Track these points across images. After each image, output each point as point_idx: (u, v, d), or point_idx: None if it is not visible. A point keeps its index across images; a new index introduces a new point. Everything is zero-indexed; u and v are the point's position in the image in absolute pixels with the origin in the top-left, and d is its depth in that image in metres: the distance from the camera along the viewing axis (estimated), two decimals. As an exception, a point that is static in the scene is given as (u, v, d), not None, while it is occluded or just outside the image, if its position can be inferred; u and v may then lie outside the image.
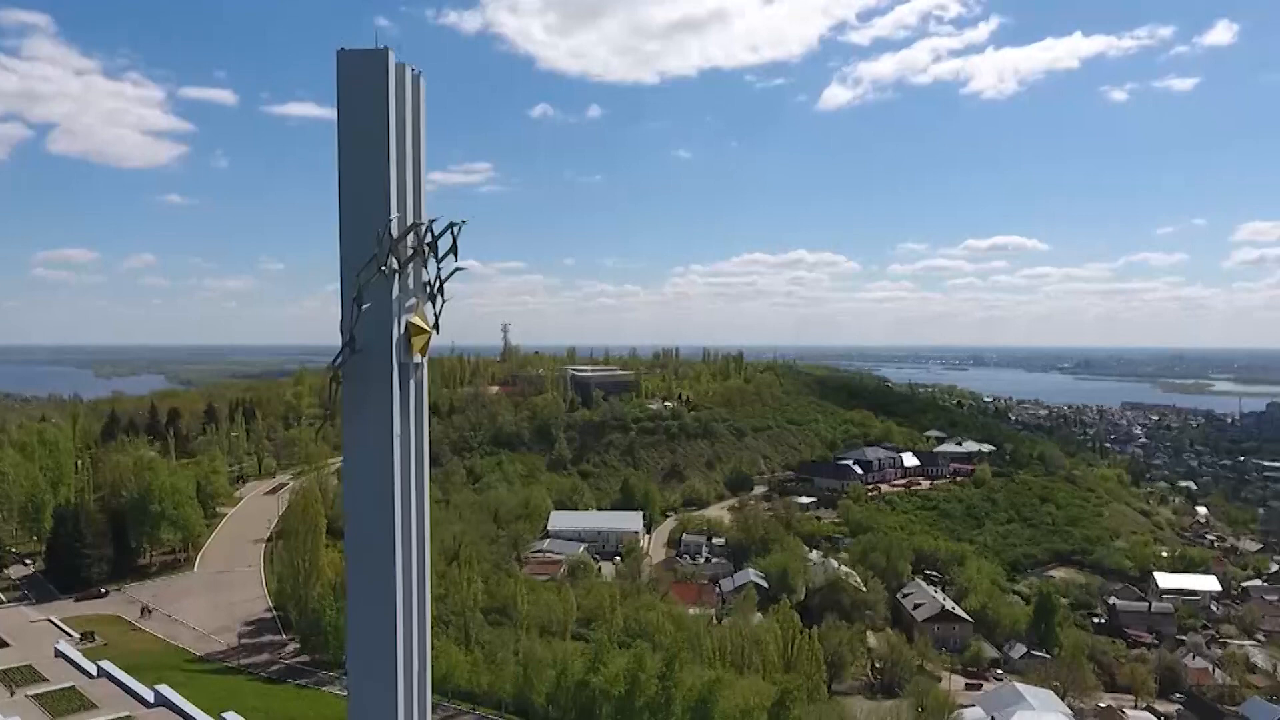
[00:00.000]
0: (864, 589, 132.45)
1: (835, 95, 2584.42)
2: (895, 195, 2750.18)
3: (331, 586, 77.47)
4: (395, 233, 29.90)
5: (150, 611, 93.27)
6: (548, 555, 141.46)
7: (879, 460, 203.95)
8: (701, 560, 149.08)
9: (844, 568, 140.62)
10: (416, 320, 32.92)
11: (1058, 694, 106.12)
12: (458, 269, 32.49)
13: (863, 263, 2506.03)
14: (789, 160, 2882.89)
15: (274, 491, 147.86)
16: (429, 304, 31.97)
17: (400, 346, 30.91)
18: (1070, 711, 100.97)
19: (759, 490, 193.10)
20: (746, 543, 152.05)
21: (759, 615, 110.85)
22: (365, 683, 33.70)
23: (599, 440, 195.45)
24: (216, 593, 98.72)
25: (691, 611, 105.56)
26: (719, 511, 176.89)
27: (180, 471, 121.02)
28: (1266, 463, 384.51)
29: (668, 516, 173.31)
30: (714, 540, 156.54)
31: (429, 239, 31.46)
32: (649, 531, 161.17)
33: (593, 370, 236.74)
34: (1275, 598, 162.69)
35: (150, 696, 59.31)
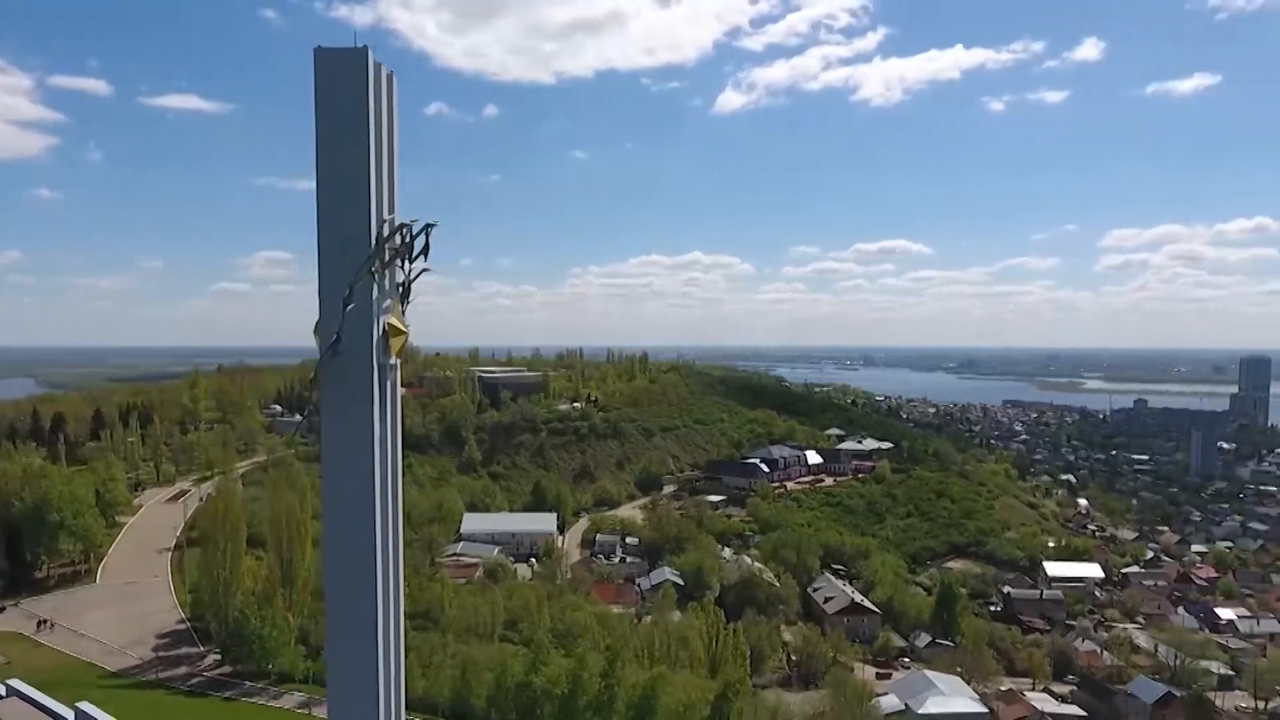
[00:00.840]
0: (777, 584, 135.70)
1: (730, 100, 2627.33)
2: (788, 199, 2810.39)
3: (253, 595, 75.36)
4: (385, 233, 30.07)
5: (51, 625, 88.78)
6: (461, 559, 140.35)
7: (784, 459, 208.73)
8: (616, 560, 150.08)
9: (757, 564, 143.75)
10: (394, 321, 33.06)
11: (963, 679, 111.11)
12: (425, 270, 32.86)
13: (757, 265, 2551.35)
14: (685, 163, 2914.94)
15: (176, 499, 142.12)
16: (400, 305, 32.22)
17: (379, 348, 31.04)
18: (977, 696, 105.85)
19: (669, 489, 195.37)
20: (660, 542, 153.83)
21: (677, 613, 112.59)
22: (346, 686, 33.55)
23: (509, 442, 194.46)
24: (123, 605, 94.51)
25: (615, 610, 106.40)
26: (631, 511, 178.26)
27: (76, 479, 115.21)
28: (1135, 456, 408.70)
29: (580, 517, 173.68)
30: (628, 540, 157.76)
31: (408, 239, 31.74)
32: (562, 532, 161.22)
33: (500, 371, 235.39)
34: (1152, 583, 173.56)
35: (70, 716, 56.57)
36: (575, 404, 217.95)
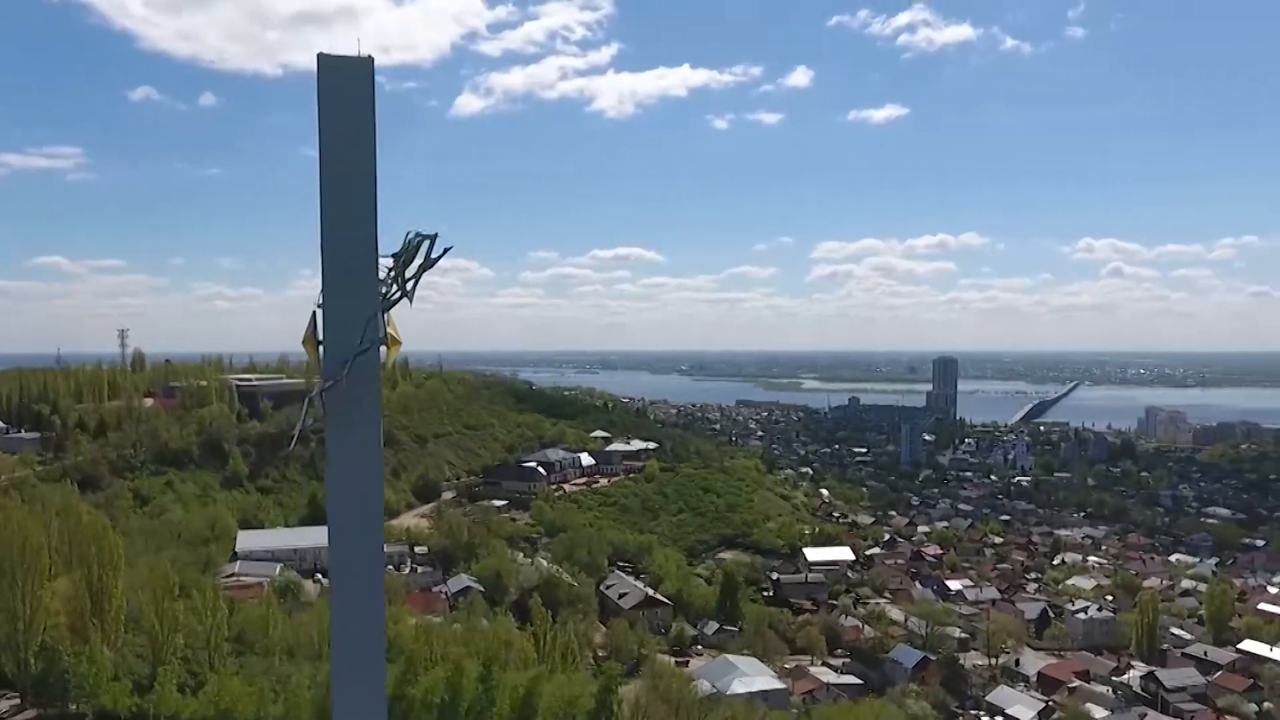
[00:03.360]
0: (576, 584, 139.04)
1: (468, 103, 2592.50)
2: (526, 204, 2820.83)
3: (70, 628, 68.05)
4: (408, 243, 30.30)
5: None
6: (241, 579, 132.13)
7: (560, 461, 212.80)
8: (407, 570, 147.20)
9: (552, 566, 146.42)
10: (392, 331, 33.13)
11: (758, 660, 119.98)
12: (416, 279, 33.31)
13: (495, 269, 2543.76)
14: (421, 165, 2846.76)
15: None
16: (388, 315, 32.54)
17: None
18: (774, 674, 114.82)
19: (448, 496, 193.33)
20: (451, 549, 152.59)
21: (484, 620, 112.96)
22: (353, 702, 32.99)
23: (277, 453, 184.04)
24: None
25: (432, 619, 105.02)
26: (413, 520, 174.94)
27: None
28: (855, 449, 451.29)
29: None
30: (416, 549, 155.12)
31: (422, 251, 32.11)
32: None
33: (257, 379, 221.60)
34: (892, 562, 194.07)
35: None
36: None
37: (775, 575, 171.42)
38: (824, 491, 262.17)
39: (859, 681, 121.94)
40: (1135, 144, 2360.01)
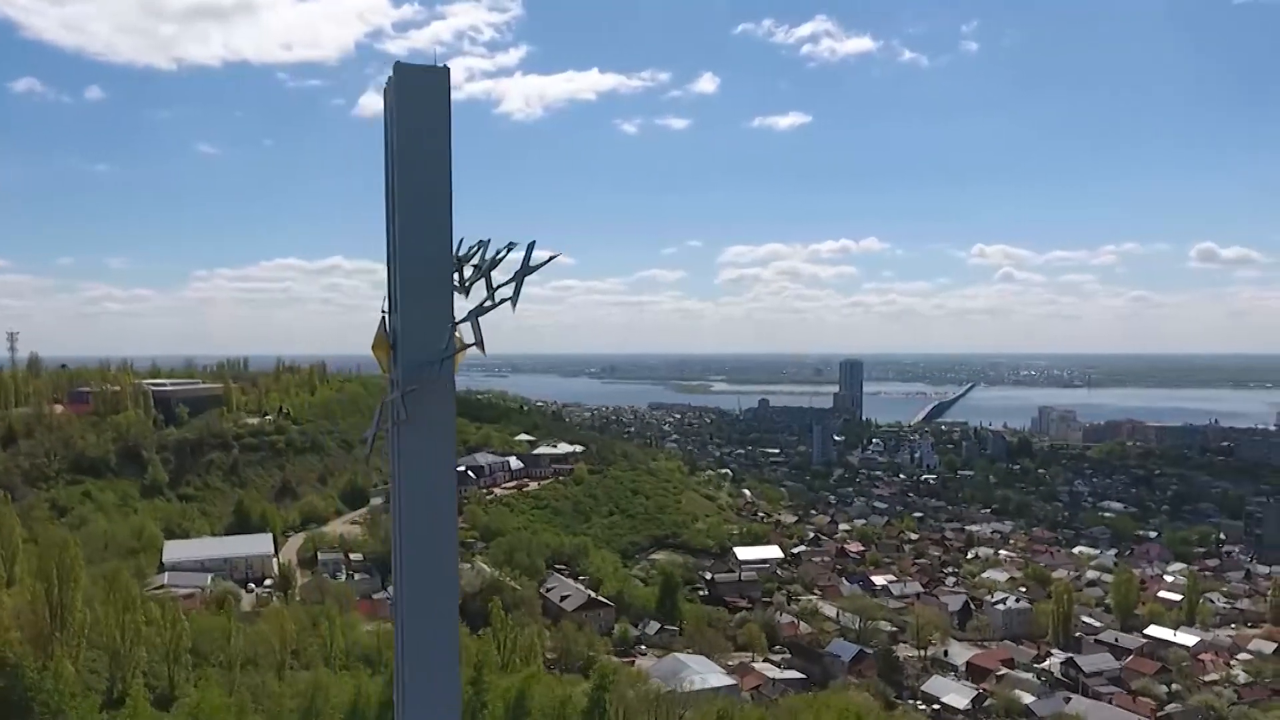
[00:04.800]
0: (518, 587, 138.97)
1: (374, 102, 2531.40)
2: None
3: (31, 642, 65.23)
4: (482, 251, 31.09)
5: None
6: (173, 590, 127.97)
7: (489, 465, 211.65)
8: (343, 577, 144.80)
9: (492, 570, 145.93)
10: (458, 336, 33.82)
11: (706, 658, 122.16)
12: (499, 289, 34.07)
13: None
14: (326, 164, 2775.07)
15: None
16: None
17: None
18: (724, 671, 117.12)
19: (377, 502, 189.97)
20: (389, 555, 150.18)
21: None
22: (426, 693, 33.34)
23: (198, 460, 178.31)
24: None
25: (386, 626, 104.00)
26: (344, 526, 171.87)
27: None
28: (768, 450, 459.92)
29: (288, 536, 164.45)
30: (352, 556, 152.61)
31: (500, 256, 32.87)
32: (276, 554, 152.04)
33: (172, 384, 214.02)
34: (819, 559, 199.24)
35: None
36: (267, 417, 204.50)
37: (709, 575, 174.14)
38: (746, 492, 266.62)
39: (801, 676, 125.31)
40: (1025, 153, 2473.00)
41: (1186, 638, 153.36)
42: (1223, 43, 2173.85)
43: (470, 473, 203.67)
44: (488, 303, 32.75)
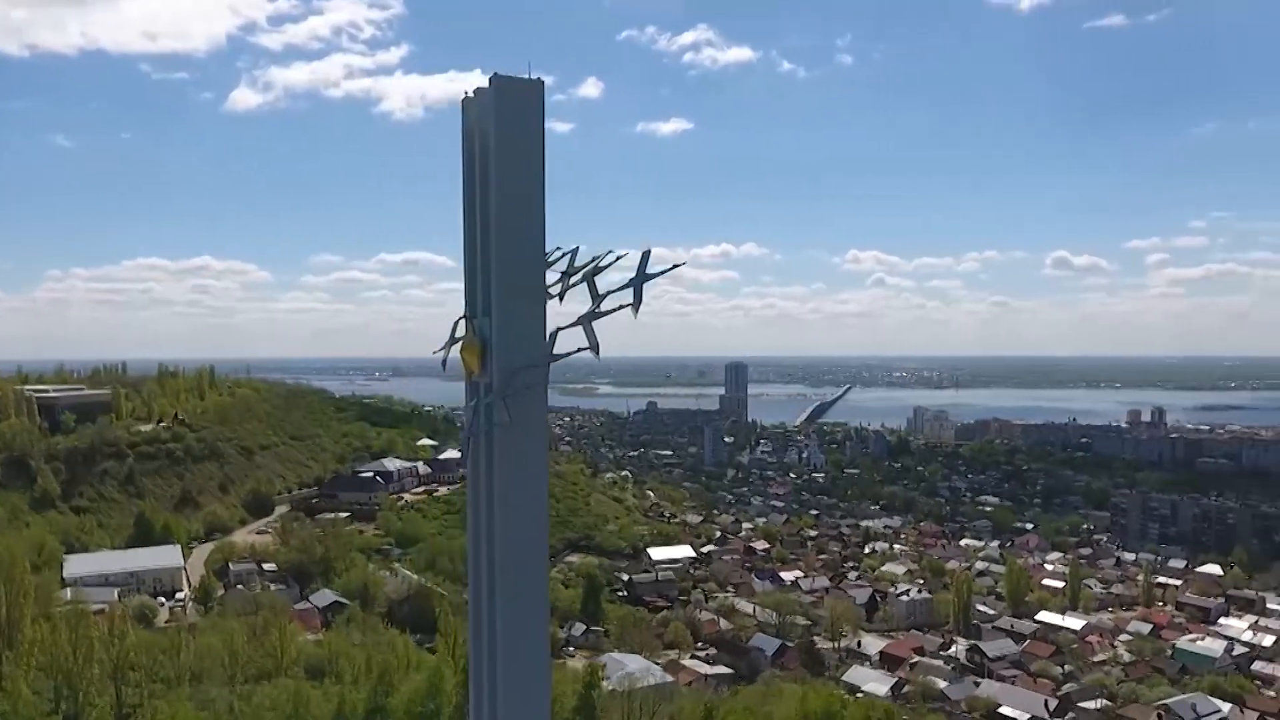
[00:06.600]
0: (445, 593, 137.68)
1: (245, 98, 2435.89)
2: (309, 205, 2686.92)
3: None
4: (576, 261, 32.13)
5: None
6: (80, 607, 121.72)
7: (398, 470, 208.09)
8: (258, 588, 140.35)
9: (415, 576, 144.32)
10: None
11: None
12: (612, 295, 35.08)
13: (275, 272, 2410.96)
14: (193, 161, 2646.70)
15: None
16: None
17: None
18: (660, 668, 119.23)
19: (282, 510, 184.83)
20: (305, 564, 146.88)
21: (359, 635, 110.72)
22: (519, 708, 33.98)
23: (91, 470, 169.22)
24: None
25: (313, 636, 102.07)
26: (249, 536, 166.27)
27: None
28: (661, 452, 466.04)
29: (192, 548, 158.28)
30: (264, 566, 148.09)
31: (596, 265, 33.89)
32: (185, 565, 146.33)
33: (57, 391, 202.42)
34: (729, 558, 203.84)
35: None
36: (162, 424, 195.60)
37: (626, 575, 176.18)
38: (650, 493, 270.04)
39: (729, 671, 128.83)
40: (895, 163, 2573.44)
41: (1074, 622, 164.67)
42: (1075, 64, 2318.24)
43: (379, 478, 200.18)
44: (603, 308, 34.15)
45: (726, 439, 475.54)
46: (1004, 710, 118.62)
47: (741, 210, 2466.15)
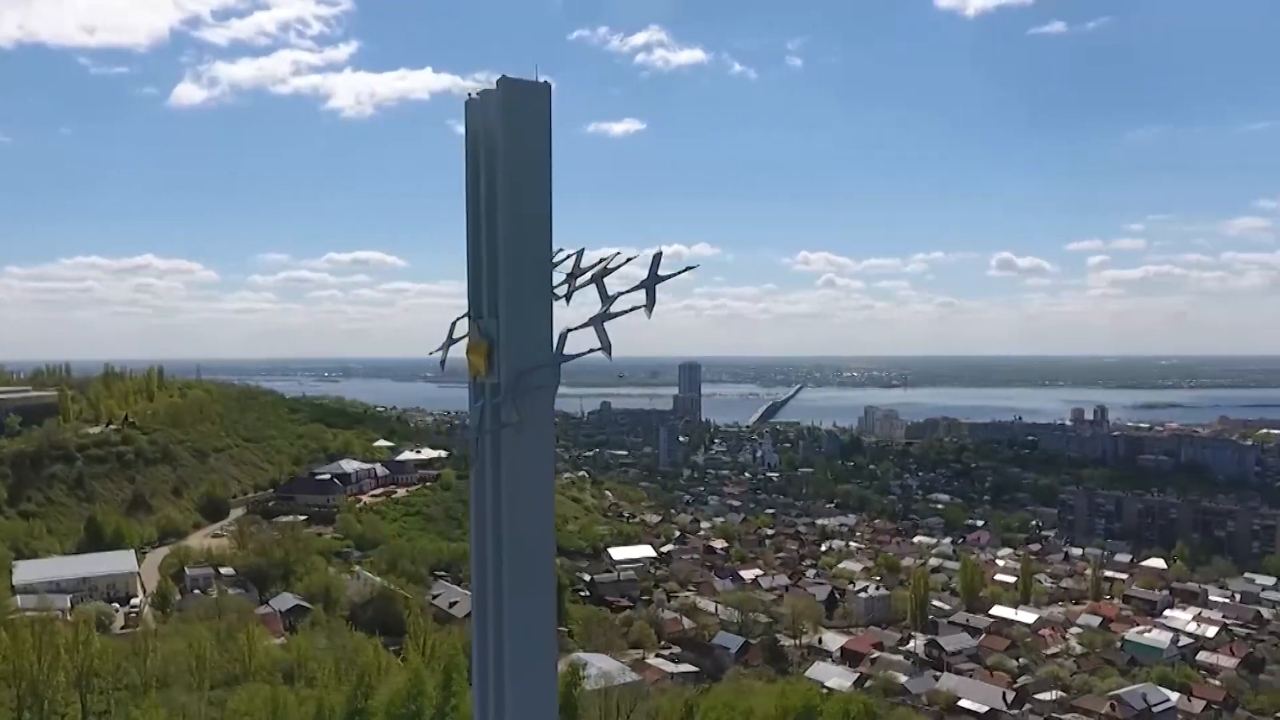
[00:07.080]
0: (410, 596, 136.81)
1: (189, 93, 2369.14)
2: (256, 203, 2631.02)
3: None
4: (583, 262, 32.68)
5: None
6: (27, 614, 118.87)
7: (356, 472, 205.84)
8: (216, 593, 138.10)
9: (377, 578, 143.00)
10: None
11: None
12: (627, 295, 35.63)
13: (221, 272, 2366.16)
14: (135, 157, 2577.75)
15: None
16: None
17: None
18: (628, 667, 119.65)
19: (238, 513, 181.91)
20: (264, 568, 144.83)
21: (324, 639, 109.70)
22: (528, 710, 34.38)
23: (38, 474, 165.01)
24: None
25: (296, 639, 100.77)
26: (205, 540, 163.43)
27: None
28: (616, 452, 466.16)
29: (145, 552, 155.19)
30: (222, 571, 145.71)
31: (606, 268, 34.47)
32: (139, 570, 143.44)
33: (0, 392, 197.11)
34: (689, 557, 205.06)
35: None
36: (111, 426, 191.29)
37: (588, 575, 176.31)
38: (608, 493, 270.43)
39: (695, 669, 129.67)
40: (843, 165, 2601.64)
41: (1026, 615, 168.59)
42: (1019, 70, 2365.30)
43: (336, 480, 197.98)
44: (614, 309, 34.91)
45: (681, 439, 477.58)
46: (964, 703, 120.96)
47: (693, 210, 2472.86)
